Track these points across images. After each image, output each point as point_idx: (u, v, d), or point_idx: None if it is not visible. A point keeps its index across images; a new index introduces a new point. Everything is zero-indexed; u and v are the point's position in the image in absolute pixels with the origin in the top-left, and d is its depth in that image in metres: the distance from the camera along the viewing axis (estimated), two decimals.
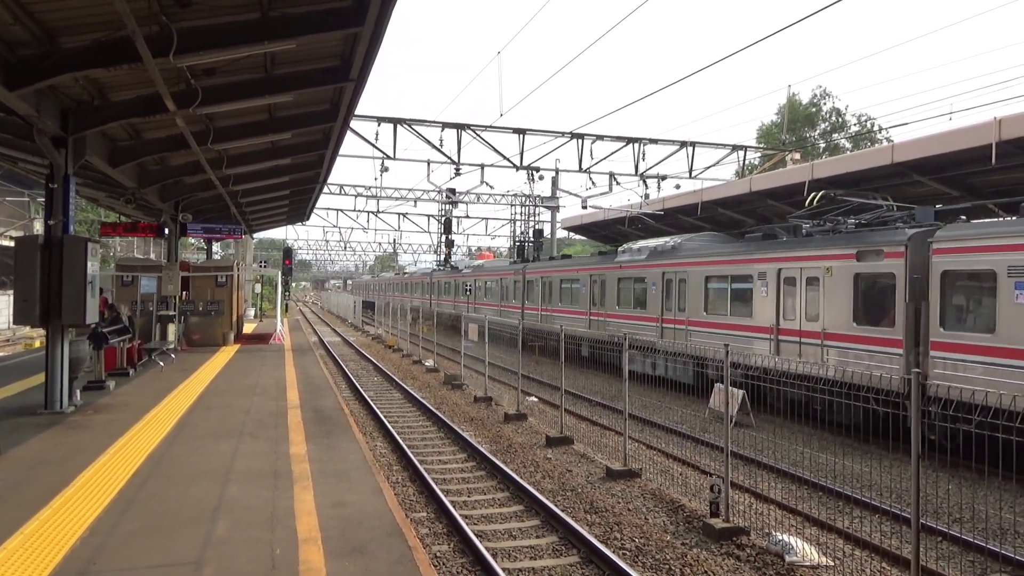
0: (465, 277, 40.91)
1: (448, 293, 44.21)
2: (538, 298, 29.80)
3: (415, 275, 55.99)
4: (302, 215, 36.23)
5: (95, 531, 6.04)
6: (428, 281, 49.51)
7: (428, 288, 49.02)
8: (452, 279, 43.80)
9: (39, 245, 10.65)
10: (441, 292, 45.61)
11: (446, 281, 44.64)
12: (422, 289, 50.87)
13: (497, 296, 34.96)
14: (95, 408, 11.67)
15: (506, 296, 33.86)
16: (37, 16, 8.09)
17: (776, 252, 16.32)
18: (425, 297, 48.54)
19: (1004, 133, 14.41)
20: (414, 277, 56.27)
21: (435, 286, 47.35)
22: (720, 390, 11.86)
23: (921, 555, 6.05)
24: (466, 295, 39.63)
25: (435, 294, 46.95)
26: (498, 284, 35.12)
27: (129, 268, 22.38)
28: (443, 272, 47.08)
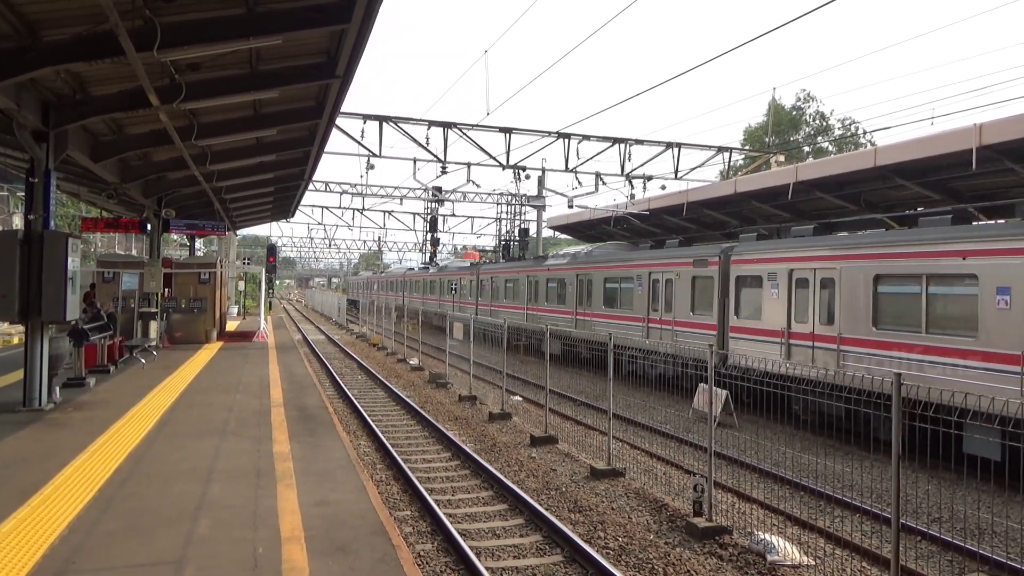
0: (446, 275, 43.31)
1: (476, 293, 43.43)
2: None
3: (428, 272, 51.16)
4: (287, 212, 36.00)
5: (74, 530, 5.97)
6: (429, 280, 48.01)
7: (432, 287, 47.55)
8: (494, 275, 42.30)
9: (19, 240, 10.51)
10: (447, 291, 45.32)
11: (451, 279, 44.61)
12: (435, 288, 47.10)
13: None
14: (75, 405, 11.54)
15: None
16: (18, 9, 7.98)
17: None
18: (445, 298, 44.76)
19: (984, 138, 14.60)
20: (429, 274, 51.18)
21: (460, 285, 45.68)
22: (704, 390, 11.93)
23: (901, 554, 6.11)
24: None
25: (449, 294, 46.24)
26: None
27: (111, 264, 22.15)
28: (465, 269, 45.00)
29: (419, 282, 48.31)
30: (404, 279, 52.93)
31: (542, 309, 27.77)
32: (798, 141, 48.53)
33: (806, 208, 22.90)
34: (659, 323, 19.81)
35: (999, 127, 14.54)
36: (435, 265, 49.22)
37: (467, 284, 37.16)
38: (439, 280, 43.49)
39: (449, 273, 42.08)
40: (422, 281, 47.58)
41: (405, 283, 52.27)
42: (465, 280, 37.63)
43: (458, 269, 41.51)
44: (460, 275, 39.30)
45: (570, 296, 25.25)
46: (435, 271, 45.96)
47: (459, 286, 38.51)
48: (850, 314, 13.61)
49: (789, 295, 15.15)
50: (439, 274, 44.11)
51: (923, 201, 18.84)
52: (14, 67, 8.68)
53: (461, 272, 39.66)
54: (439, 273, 44.27)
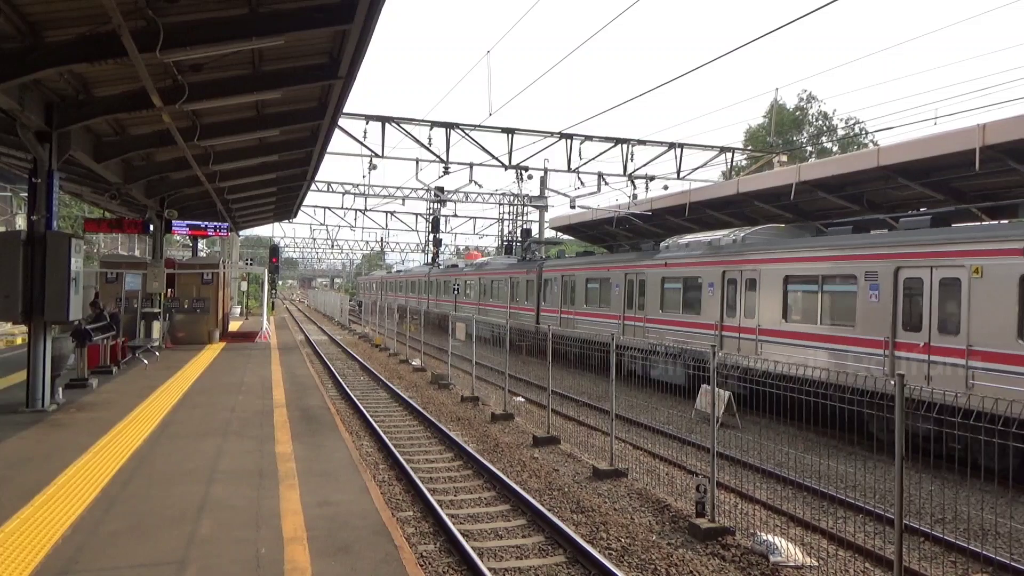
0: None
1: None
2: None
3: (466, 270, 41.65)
4: (289, 212, 36.02)
5: (77, 530, 5.98)
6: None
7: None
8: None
9: (22, 241, 10.53)
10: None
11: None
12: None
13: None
14: (78, 406, 11.55)
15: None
16: (21, 9, 8.00)
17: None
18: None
19: (988, 138, 14.56)
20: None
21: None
22: (707, 391, 11.91)
23: (904, 555, 6.09)
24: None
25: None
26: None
27: (114, 265, 22.19)
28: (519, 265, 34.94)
29: (448, 283, 41.73)
30: (429, 279, 46.12)
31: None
32: (800, 141, 48.47)
33: (809, 208, 22.85)
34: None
35: (1003, 127, 14.50)
36: (468, 263, 41.75)
37: (522, 284, 30.63)
38: (479, 281, 36.34)
39: (493, 271, 34.54)
40: (453, 282, 40.88)
41: (430, 284, 45.71)
42: (520, 279, 30.78)
43: (506, 267, 33.41)
44: (511, 274, 31.99)
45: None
46: (471, 269, 38.38)
47: (511, 287, 31.74)
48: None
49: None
50: (478, 273, 36.62)
51: (926, 201, 18.79)
52: (17, 68, 8.70)
53: (512, 270, 32.03)
54: (478, 272, 36.72)
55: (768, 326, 16.02)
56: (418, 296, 48.45)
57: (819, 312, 14.66)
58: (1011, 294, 11.07)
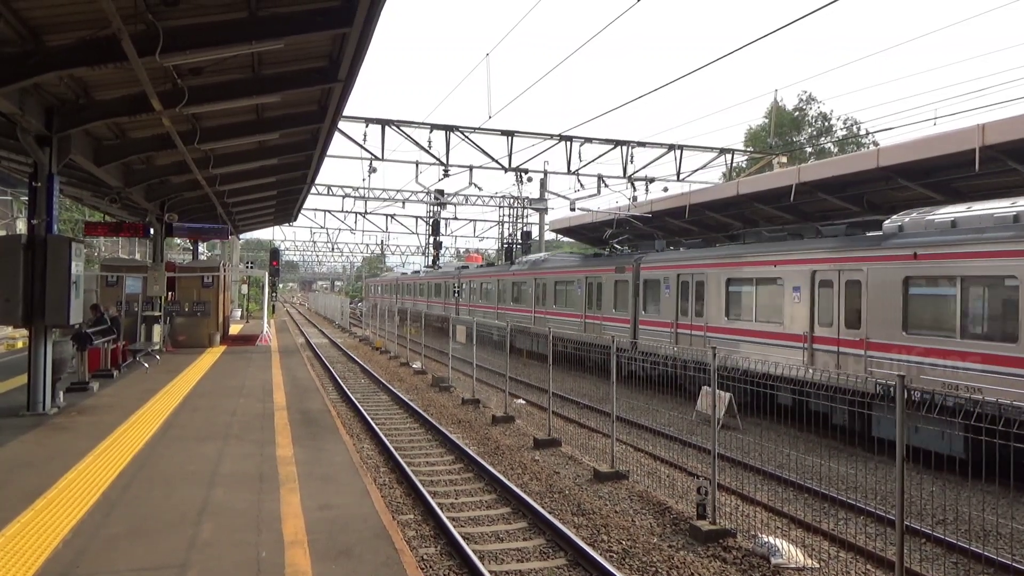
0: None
1: None
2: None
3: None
4: (289, 216, 36.07)
5: (78, 533, 5.98)
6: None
7: None
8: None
9: (22, 244, 10.54)
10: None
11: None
12: None
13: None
14: (78, 410, 11.55)
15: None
16: (21, 14, 8.01)
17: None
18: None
19: (988, 139, 14.58)
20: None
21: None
22: (708, 393, 11.91)
23: (905, 557, 6.09)
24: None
25: None
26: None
27: (114, 268, 22.17)
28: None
29: (485, 286, 35.56)
30: (459, 281, 40.21)
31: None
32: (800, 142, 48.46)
33: (809, 209, 22.87)
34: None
35: (1002, 127, 14.51)
36: (521, 261, 33.11)
37: (609, 286, 22.93)
38: (534, 282, 29.01)
39: (556, 270, 27.48)
40: (494, 284, 34.06)
41: (459, 287, 39.97)
42: (605, 280, 23.24)
43: (578, 264, 26.32)
44: (590, 272, 24.63)
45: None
46: (521, 268, 31.31)
47: (590, 290, 24.56)
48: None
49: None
50: (533, 272, 29.40)
51: (926, 201, 18.80)
52: (18, 72, 8.72)
53: (590, 268, 24.79)
54: (533, 271, 29.49)
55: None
56: (443, 301, 42.37)
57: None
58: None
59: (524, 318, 29.61)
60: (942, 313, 12.03)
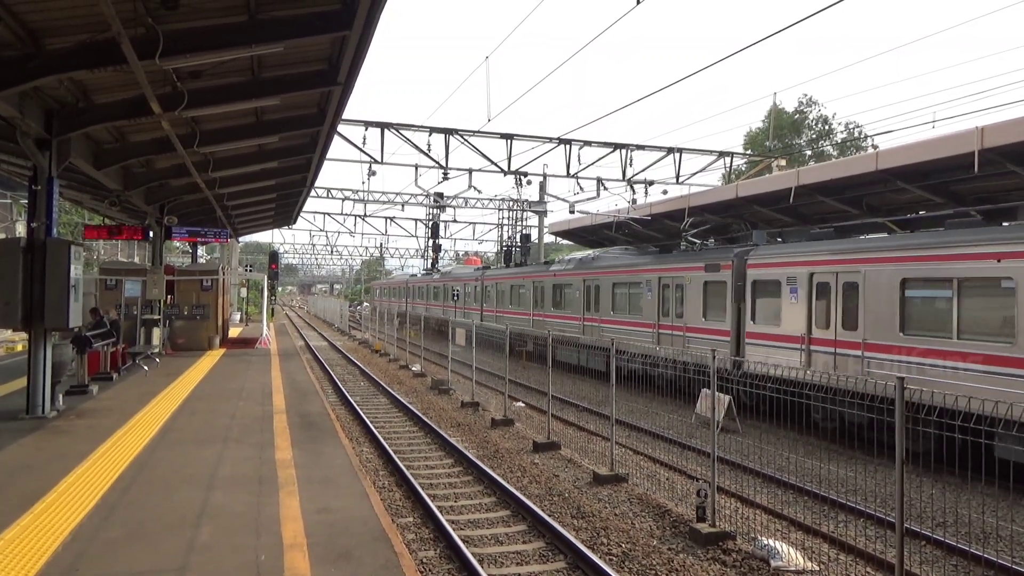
0: None
1: None
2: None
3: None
4: (289, 219, 36.05)
5: (77, 537, 5.97)
6: None
7: None
8: None
9: (22, 248, 10.54)
10: None
11: None
12: None
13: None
14: (78, 413, 11.54)
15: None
16: (21, 17, 8.02)
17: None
18: None
19: (986, 141, 14.57)
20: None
21: None
22: (707, 395, 11.90)
23: (905, 559, 6.08)
24: None
25: None
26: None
27: (113, 272, 22.19)
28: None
29: (517, 288, 31.16)
30: (482, 283, 35.67)
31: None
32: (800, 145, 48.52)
33: (808, 212, 22.87)
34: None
35: (1001, 130, 14.51)
36: (567, 259, 28.97)
37: (695, 287, 18.67)
38: (582, 284, 24.96)
39: (617, 269, 23.02)
40: (531, 287, 29.46)
41: (485, 290, 35.34)
42: (689, 280, 18.81)
43: (650, 261, 21.53)
44: (666, 270, 20.16)
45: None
46: (560, 267, 27.58)
47: (664, 292, 20.13)
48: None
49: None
50: (582, 272, 25.20)
51: (925, 204, 18.81)
52: (17, 75, 8.73)
53: (668, 265, 20.15)
54: (581, 270, 25.34)
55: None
56: (462, 306, 38.44)
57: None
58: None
59: (569, 327, 25.14)
60: None
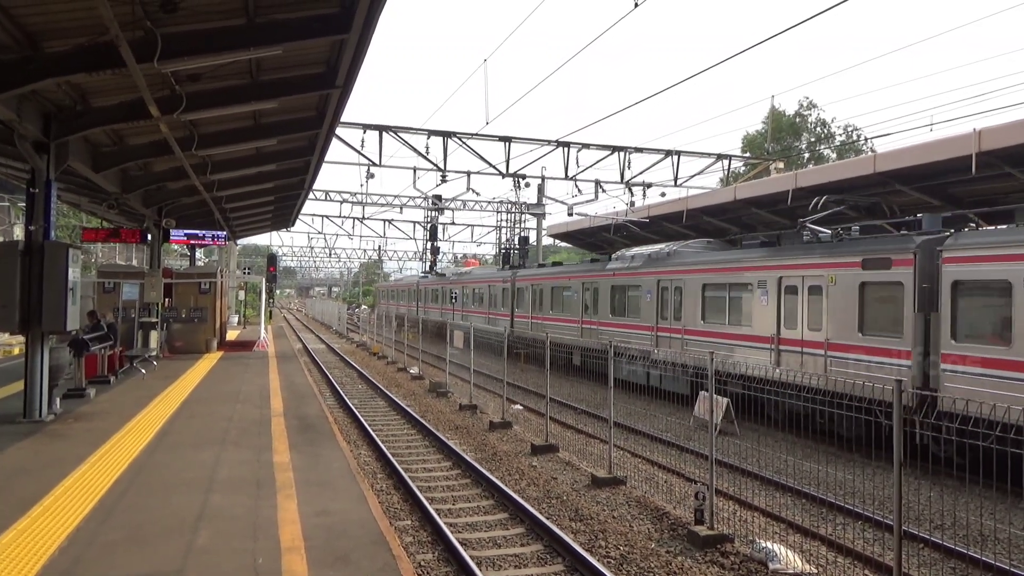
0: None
1: None
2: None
3: None
4: (287, 221, 36.01)
5: (74, 541, 5.96)
6: None
7: None
8: None
9: (19, 251, 10.53)
10: None
11: None
12: None
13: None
14: (75, 416, 11.52)
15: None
16: (19, 20, 8.01)
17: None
18: None
19: (984, 144, 14.59)
20: None
21: None
22: (705, 398, 11.91)
23: (903, 561, 6.09)
24: None
25: None
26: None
27: (111, 274, 22.18)
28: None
29: (562, 291, 27.07)
30: (513, 283, 31.45)
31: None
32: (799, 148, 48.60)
33: (806, 215, 22.89)
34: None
35: (998, 133, 14.53)
36: (628, 255, 24.41)
37: (840, 289, 14.20)
38: (656, 284, 20.62)
39: (692, 267, 19.28)
40: (572, 288, 26.07)
41: (514, 293, 31.18)
42: (841, 279, 14.37)
43: (755, 257, 17.33)
44: (796, 267, 15.70)
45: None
46: (620, 265, 23.58)
47: (804, 295, 15.21)
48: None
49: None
50: (656, 270, 20.87)
51: (923, 207, 18.83)
52: (15, 78, 8.71)
53: (810, 260, 15.52)
54: (649, 269, 21.23)
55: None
56: (486, 310, 34.09)
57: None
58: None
59: (635, 337, 20.84)
60: None
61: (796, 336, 15.27)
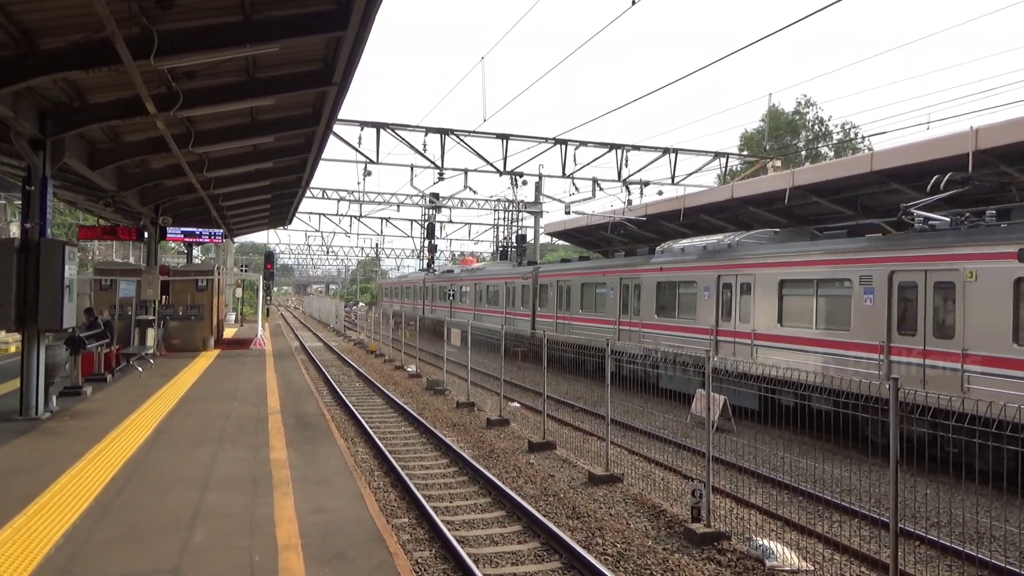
0: None
1: None
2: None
3: None
4: (284, 219, 36.00)
5: (70, 539, 5.95)
6: None
7: None
8: None
9: (15, 248, 10.50)
10: None
11: None
12: None
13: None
14: (72, 414, 11.50)
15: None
16: (15, 17, 7.99)
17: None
18: None
19: (980, 143, 14.63)
20: None
21: None
22: (702, 396, 11.92)
23: (900, 559, 6.10)
24: None
25: None
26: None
27: (108, 272, 22.14)
28: None
29: (593, 286, 24.08)
30: (530, 282, 28.53)
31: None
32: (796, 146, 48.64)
33: (803, 213, 22.92)
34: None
35: (995, 131, 14.57)
36: (696, 246, 20.08)
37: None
38: (714, 280, 17.63)
39: (760, 260, 16.49)
40: (620, 284, 22.10)
41: (544, 289, 27.66)
42: (982, 273, 11.31)
43: (828, 250, 14.87)
44: (960, 256, 11.80)
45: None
46: (675, 259, 19.92)
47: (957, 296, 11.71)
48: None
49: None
50: (709, 264, 18.09)
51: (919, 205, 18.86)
52: (11, 75, 8.69)
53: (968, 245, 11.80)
54: (707, 263, 18.21)
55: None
56: (503, 310, 30.58)
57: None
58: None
59: (689, 341, 17.98)
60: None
61: (915, 346, 12.38)
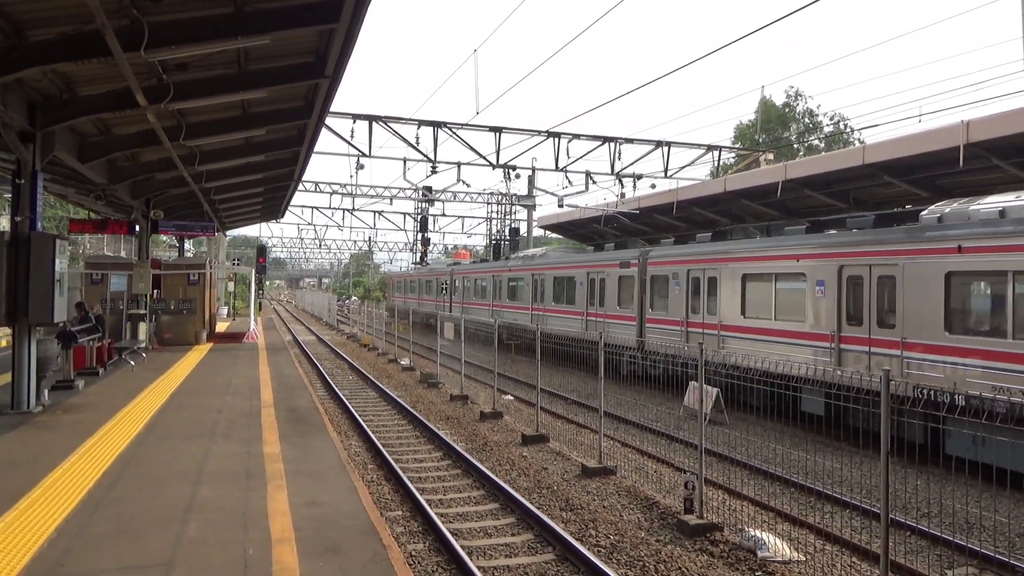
0: None
1: None
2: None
3: None
4: (276, 212, 35.90)
5: (63, 533, 5.93)
6: None
7: None
8: None
9: (5, 242, 10.43)
10: None
11: None
12: None
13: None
14: (63, 408, 11.46)
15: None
16: (3, 8, 7.92)
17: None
18: None
19: (972, 136, 14.68)
20: None
21: None
22: (695, 388, 11.97)
23: (890, 549, 6.14)
24: None
25: None
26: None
27: (99, 266, 22.03)
28: None
29: (668, 278, 18.96)
30: (584, 275, 23.37)
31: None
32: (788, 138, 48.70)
33: (795, 206, 23.00)
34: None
35: (986, 124, 14.63)
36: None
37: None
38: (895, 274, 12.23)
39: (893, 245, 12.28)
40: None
41: (648, 281, 20.20)
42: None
43: None
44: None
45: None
46: (796, 241, 14.91)
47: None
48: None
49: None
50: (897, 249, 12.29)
51: (911, 198, 18.95)
52: (0, 67, 8.61)
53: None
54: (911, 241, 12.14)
55: None
56: (582, 311, 23.44)
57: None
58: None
59: None
60: None
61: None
